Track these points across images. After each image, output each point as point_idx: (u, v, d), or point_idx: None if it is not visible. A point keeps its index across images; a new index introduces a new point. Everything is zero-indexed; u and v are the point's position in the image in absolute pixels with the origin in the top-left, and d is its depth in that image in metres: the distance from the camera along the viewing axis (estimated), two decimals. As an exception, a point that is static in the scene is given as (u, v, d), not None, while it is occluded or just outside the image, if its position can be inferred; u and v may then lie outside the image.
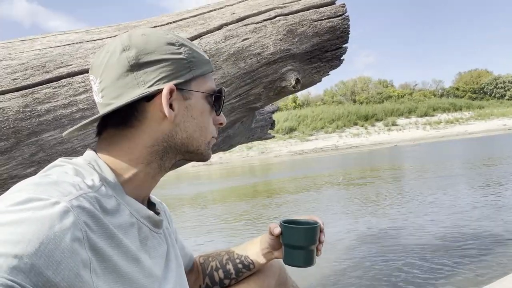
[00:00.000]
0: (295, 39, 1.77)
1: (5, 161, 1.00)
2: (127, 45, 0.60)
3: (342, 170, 10.73)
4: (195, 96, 0.65)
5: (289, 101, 52.30)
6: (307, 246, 0.79)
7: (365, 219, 4.23)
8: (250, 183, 9.86)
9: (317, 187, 7.50)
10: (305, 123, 35.91)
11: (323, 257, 2.96)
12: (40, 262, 0.42)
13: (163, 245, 0.66)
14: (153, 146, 0.62)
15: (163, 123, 0.61)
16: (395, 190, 6.00)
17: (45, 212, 0.45)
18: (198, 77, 0.65)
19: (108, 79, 0.60)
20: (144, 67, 0.60)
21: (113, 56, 0.60)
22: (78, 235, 0.46)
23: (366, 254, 2.98)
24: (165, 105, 0.60)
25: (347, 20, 1.97)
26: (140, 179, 0.62)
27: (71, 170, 0.55)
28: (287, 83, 1.74)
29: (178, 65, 0.62)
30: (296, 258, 0.79)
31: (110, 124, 0.62)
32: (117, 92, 0.60)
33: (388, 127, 36.98)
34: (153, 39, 0.61)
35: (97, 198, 0.52)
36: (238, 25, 1.64)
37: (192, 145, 0.66)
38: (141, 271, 0.56)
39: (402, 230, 3.56)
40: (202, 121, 0.66)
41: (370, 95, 56.36)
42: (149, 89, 0.60)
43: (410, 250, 2.95)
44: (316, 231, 0.79)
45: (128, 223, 0.57)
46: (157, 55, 0.61)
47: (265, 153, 28.47)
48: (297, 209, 5.34)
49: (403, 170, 9.10)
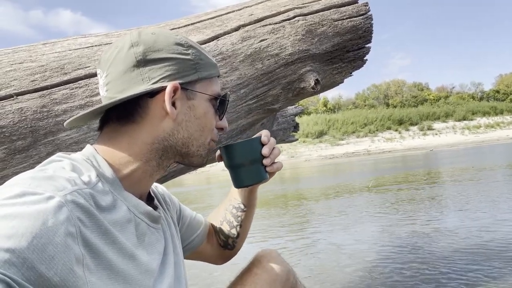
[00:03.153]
0: (315, 39, 1.73)
1: (22, 159, 1.04)
2: (136, 41, 0.61)
3: (375, 175, 10.46)
4: (199, 97, 0.65)
5: (319, 105, 51.78)
6: (247, 161, 0.74)
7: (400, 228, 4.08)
8: (278, 188, 9.82)
9: (347, 191, 7.34)
10: (336, 127, 35.39)
11: (345, 265, 2.88)
12: (33, 257, 0.42)
13: (161, 241, 0.66)
14: (153, 143, 0.62)
15: (165, 120, 0.61)
16: (437, 196, 5.77)
17: (39, 206, 0.45)
18: (204, 80, 0.65)
19: (114, 73, 0.61)
20: (151, 64, 0.60)
21: (121, 51, 0.61)
22: (71, 230, 0.46)
23: (402, 264, 2.87)
24: (168, 102, 0.60)
25: (370, 19, 1.91)
26: (138, 176, 0.62)
27: (68, 165, 0.55)
28: (306, 84, 1.71)
29: (185, 65, 0.62)
30: (243, 177, 0.75)
31: (112, 118, 0.62)
32: (122, 86, 0.60)
33: (424, 131, 35.75)
34: (162, 38, 0.62)
35: (92, 194, 0.52)
36: (255, 26, 1.63)
37: (192, 146, 0.65)
38: (136, 268, 0.55)
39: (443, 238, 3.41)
40: (205, 122, 0.66)
41: (404, 98, 54.77)
42: (153, 86, 0.60)
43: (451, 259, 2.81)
44: (251, 144, 0.74)
45: (125, 219, 0.57)
46: (165, 53, 0.61)
47: (294, 157, 28.28)
48: (320, 215, 5.25)
49: (443, 174, 8.74)
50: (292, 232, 4.33)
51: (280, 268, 0.92)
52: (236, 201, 0.92)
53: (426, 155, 19.31)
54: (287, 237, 4.08)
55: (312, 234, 4.12)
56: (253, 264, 0.93)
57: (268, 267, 0.92)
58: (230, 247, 0.96)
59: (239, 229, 0.93)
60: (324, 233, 4.09)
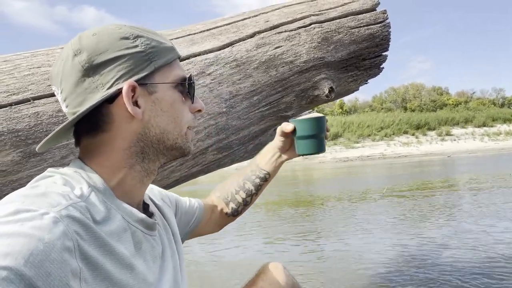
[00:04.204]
0: (330, 47, 1.72)
1: (37, 162, 1.06)
2: (78, 49, 0.58)
3: (390, 180, 10.31)
4: (161, 88, 0.61)
5: (335, 107, 51.35)
6: (319, 134, 0.89)
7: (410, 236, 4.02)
8: (291, 191, 9.78)
9: (360, 196, 7.26)
10: (351, 129, 35.04)
11: (351, 272, 2.84)
12: (31, 273, 0.42)
13: (158, 247, 0.65)
14: (130, 147, 0.60)
15: (133, 122, 0.59)
16: (452, 203, 5.65)
17: (34, 223, 0.45)
18: (162, 67, 0.61)
19: (68, 87, 0.58)
20: (100, 69, 0.57)
21: (66, 63, 0.58)
22: (68, 245, 0.46)
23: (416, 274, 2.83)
24: (128, 103, 0.57)
25: (387, 27, 1.88)
26: (128, 184, 0.61)
27: (60, 180, 0.55)
28: (320, 91, 1.70)
29: (136, 59, 0.59)
30: (311, 146, 0.89)
31: (83, 132, 0.61)
32: (78, 99, 0.58)
33: (442, 136, 35.07)
34: (104, 37, 0.58)
35: (87, 207, 0.52)
36: (271, 33, 1.63)
37: (168, 140, 0.63)
38: (135, 277, 0.55)
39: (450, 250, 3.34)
40: (174, 112, 0.63)
41: (423, 102, 53.85)
42: (108, 91, 0.57)
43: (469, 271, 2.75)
44: (324, 121, 0.90)
45: (121, 229, 0.56)
46: (111, 53, 0.57)
47: (308, 158, 28.12)
48: (333, 219, 5.21)
49: (460, 181, 8.55)
50: (299, 237, 4.31)
51: (285, 281, 0.92)
52: (262, 172, 0.98)
53: (444, 161, 18.94)
54: (293, 242, 4.07)
55: (318, 239, 4.09)
56: (258, 276, 0.93)
57: (273, 280, 0.91)
58: (237, 213, 1.01)
59: (254, 197, 1.00)
60: (332, 238, 4.06)
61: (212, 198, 1.01)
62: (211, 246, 4.06)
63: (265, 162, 0.99)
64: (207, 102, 1.42)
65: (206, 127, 1.43)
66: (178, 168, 1.43)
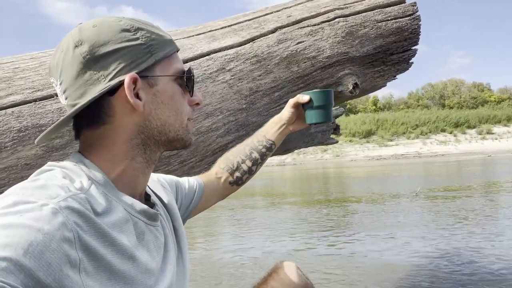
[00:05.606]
0: (355, 42, 1.67)
1: (59, 156, 1.09)
2: (79, 40, 0.57)
3: (424, 180, 9.96)
4: (161, 81, 0.61)
5: (369, 104, 50.16)
6: (329, 105, 0.97)
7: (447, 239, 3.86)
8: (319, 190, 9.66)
9: (391, 196, 7.06)
10: (385, 127, 34.09)
11: (375, 275, 2.75)
12: (30, 264, 0.42)
13: (161, 238, 0.65)
14: (131, 140, 0.60)
15: (134, 114, 0.59)
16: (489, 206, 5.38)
17: (32, 214, 0.45)
18: (162, 60, 0.62)
19: (68, 79, 0.58)
20: (101, 61, 0.57)
21: (67, 54, 0.58)
22: (67, 236, 0.46)
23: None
24: (130, 96, 0.57)
25: (417, 20, 1.80)
26: (130, 175, 0.61)
27: (60, 173, 0.55)
28: (343, 88, 1.65)
29: (137, 51, 0.59)
30: (323, 115, 0.97)
31: (83, 125, 0.60)
32: (79, 91, 0.58)
33: (482, 135, 33.43)
34: (105, 29, 0.58)
35: (87, 199, 0.52)
36: (293, 28, 1.60)
37: (170, 132, 0.63)
38: (136, 268, 0.55)
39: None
40: (174, 104, 0.63)
41: (462, 99, 51.51)
42: (110, 83, 0.57)
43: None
44: (332, 94, 0.99)
45: (123, 220, 0.56)
46: (112, 45, 0.57)
47: (340, 156, 27.69)
48: (361, 220, 5.09)
49: (501, 183, 8.12)
50: (325, 235, 4.24)
51: (297, 281, 0.90)
52: (268, 142, 1.03)
53: (484, 160, 18.04)
54: (319, 241, 4.01)
55: (343, 239, 4.01)
56: (270, 275, 0.92)
57: (285, 280, 0.90)
58: (241, 182, 1.03)
59: (259, 166, 1.04)
60: (359, 239, 3.97)
61: (216, 170, 1.02)
62: (231, 243, 4.09)
63: (272, 133, 1.03)
64: (226, 98, 1.42)
65: (225, 123, 1.43)
66: (198, 164, 1.44)
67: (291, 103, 0.99)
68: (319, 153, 27.55)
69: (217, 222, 5.63)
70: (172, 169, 1.34)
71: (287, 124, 1.01)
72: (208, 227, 5.22)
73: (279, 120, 1.02)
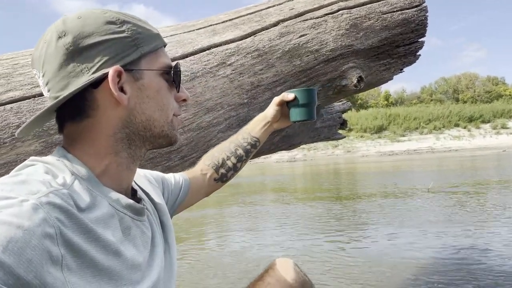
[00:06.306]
0: (360, 34, 1.63)
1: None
2: (62, 31, 0.56)
3: (437, 175, 9.82)
4: (147, 75, 0.60)
5: (380, 99, 49.62)
6: (313, 103, 0.98)
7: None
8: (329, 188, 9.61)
9: (403, 192, 6.97)
10: (397, 122, 33.66)
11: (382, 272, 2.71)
12: (10, 261, 0.41)
13: (148, 233, 0.64)
14: (115, 134, 0.59)
15: (118, 108, 0.58)
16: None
17: (12, 210, 0.44)
18: (148, 54, 0.60)
19: (50, 70, 0.57)
20: (85, 52, 0.56)
21: (50, 45, 0.56)
22: (49, 232, 0.46)
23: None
24: (114, 89, 0.56)
25: (424, 11, 1.76)
26: (114, 170, 0.60)
27: (42, 168, 0.54)
28: (347, 81, 1.62)
29: (122, 44, 0.58)
30: (306, 113, 0.98)
31: (66, 118, 0.59)
32: (61, 83, 0.56)
33: (497, 130, 32.74)
34: (90, 21, 0.57)
35: (70, 194, 0.51)
36: (295, 21, 1.57)
37: (155, 127, 0.62)
38: (122, 263, 0.54)
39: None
40: (160, 99, 0.62)
41: (477, 93, 50.55)
42: (94, 75, 0.56)
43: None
44: (316, 92, 1.00)
45: (108, 215, 0.55)
46: (97, 37, 0.56)
47: (351, 152, 27.48)
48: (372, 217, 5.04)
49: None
50: (335, 232, 4.21)
51: (294, 278, 0.88)
52: (253, 139, 1.04)
53: (499, 155, 17.69)
54: (327, 237, 3.99)
55: (355, 235, 3.98)
56: (266, 272, 0.90)
57: (282, 277, 0.88)
58: (226, 179, 1.04)
59: (244, 163, 1.06)
60: (370, 235, 3.93)
61: (201, 167, 1.03)
62: (237, 239, 4.09)
63: (257, 130, 1.04)
64: (227, 93, 1.41)
65: (226, 118, 1.41)
66: (199, 159, 1.43)
67: (276, 101, 1.00)
68: (329, 149, 27.37)
69: (231, 217, 5.64)
70: (173, 164, 1.33)
71: (272, 122, 1.03)
72: (218, 224, 5.24)
73: (264, 117, 1.04)
